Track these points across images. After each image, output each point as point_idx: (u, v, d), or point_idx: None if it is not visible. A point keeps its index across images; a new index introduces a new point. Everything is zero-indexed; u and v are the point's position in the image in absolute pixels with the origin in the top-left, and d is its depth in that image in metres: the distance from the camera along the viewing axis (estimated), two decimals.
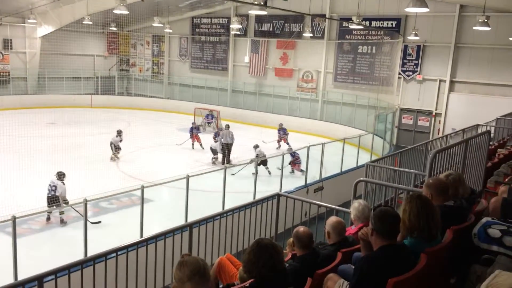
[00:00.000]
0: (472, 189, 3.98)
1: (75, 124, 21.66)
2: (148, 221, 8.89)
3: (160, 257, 5.80)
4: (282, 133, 20.17)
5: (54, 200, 10.68)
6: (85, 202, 7.67)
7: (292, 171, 15.57)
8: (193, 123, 20.20)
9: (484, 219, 3.25)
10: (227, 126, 18.44)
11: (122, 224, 10.53)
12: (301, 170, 14.83)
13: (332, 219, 4.27)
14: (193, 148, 19.40)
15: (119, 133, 17.69)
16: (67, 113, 24.03)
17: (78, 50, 29.87)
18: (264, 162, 15.14)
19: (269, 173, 15.22)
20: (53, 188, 10.76)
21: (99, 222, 10.47)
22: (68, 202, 10.63)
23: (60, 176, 10.98)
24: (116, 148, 17.46)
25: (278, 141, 20.27)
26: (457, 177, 3.56)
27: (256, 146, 16.03)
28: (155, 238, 5.60)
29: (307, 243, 3.86)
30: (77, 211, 9.86)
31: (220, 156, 17.19)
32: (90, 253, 6.99)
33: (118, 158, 17.45)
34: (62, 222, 10.60)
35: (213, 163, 16.99)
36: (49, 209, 10.59)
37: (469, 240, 3.20)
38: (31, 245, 9.38)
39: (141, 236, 8.06)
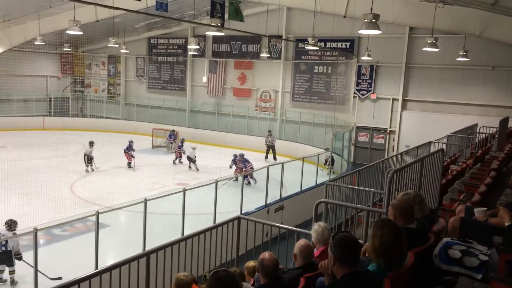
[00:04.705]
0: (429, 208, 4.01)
1: (26, 147, 20.76)
2: (104, 246, 8.51)
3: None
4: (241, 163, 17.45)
5: (6, 257, 8.66)
6: (35, 231, 7.24)
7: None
8: (130, 142, 19.35)
9: (444, 240, 3.26)
10: (270, 132, 22.19)
11: (76, 253, 10.04)
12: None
13: (301, 242, 4.14)
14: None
15: (91, 143, 18.07)
16: (18, 136, 23.01)
17: (30, 71, 28.79)
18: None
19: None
20: (3, 242, 8.55)
21: (60, 278, 7.89)
22: (21, 257, 8.65)
23: (11, 225, 8.75)
24: (89, 159, 17.88)
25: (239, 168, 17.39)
26: (418, 197, 3.53)
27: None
28: (110, 270, 5.31)
29: (271, 272, 3.73)
30: (30, 265, 7.97)
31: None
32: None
33: (93, 170, 17.95)
34: (13, 284, 8.74)
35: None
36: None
37: (430, 261, 3.19)
38: None
39: (96, 266, 7.67)
